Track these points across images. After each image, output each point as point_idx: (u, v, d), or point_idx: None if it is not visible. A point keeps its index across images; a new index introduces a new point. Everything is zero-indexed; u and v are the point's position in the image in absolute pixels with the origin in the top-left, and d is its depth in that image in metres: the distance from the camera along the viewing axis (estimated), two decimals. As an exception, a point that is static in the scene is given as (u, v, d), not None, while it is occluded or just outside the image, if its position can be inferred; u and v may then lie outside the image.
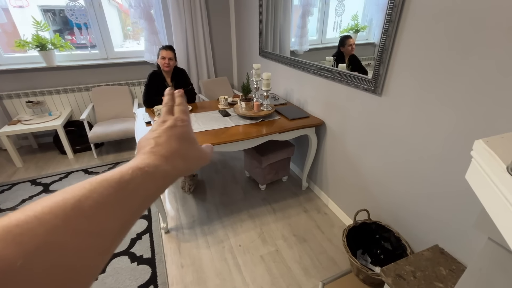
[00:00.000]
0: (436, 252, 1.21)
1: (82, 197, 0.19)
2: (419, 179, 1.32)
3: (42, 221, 0.17)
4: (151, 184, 0.24)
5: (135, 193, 0.22)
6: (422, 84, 1.21)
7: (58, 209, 0.18)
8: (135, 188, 0.22)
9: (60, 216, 0.18)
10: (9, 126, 2.57)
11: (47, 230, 0.17)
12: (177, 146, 0.28)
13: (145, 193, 0.23)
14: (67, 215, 0.18)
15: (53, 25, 3.20)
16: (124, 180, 0.22)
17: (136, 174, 0.23)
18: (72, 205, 0.18)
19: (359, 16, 1.72)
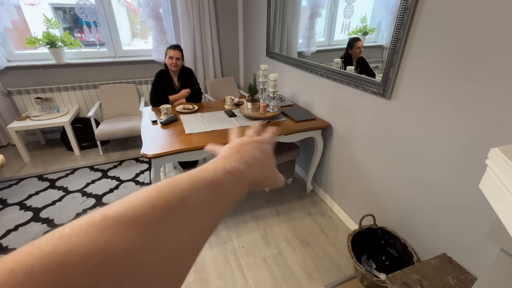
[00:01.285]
0: (444, 261, 1.18)
1: (185, 193, 0.20)
2: (428, 186, 1.30)
3: (158, 214, 0.18)
4: (236, 190, 0.25)
5: (224, 197, 0.23)
6: (433, 89, 1.19)
7: (167, 204, 0.19)
8: (225, 192, 0.23)
9: (170, 210, 0.19)
10: (18, 122, 2.61)
11: (162, 223, 0.18)
12: (260, 156, 0.30)
13: (230, 198, 0.24)
14: (175, 210, 0.19)
15: (63, 23, 3.24)
16: (217, 182, 0.23)
17: (227, 179, 0.24)
18: (178, 201, 0.19)
19: (367, 18, 1.70)
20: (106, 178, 2.46)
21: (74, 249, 0.14)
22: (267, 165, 0.30)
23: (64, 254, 0.14)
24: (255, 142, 0.31)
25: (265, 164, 0.30)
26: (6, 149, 2.94)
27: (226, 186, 0.24)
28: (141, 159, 2.79)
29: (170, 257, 0.18)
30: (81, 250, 0.14)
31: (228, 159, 0.27)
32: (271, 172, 0.31)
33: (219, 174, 0.24)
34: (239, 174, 0.25)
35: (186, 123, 1.86)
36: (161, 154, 1.47)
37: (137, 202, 0.18)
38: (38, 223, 1.93)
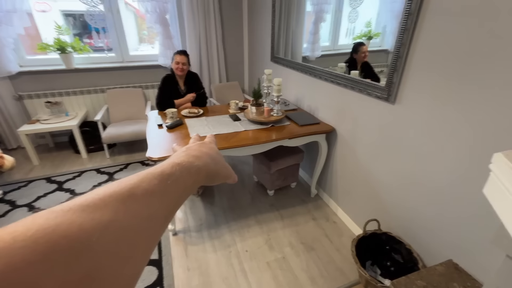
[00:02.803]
0: (450, 267, 1.16)
1: (133, 186, 0.23)
2: (433, 191, 1.28)
3: (107, 204, 0.20)
4: (188, 177, 0.28)
5: (175, 184, 0.26)
6: (438, 93, 1.18)
7: (117, 195, 0.21)
8: (175, 180, 0.26)
9: (119, 200, 0.21)
10: (28, 125, 2.67)
11: (112, 211, 0.20)
12: (207, 151, 0.34)
13: (184, 185, 0.27)
14: (125, 200, 0.21)
15: (73, 29, 3.33)
16: (166, 173, 0.26)
17: (175, 169, 0.27)
18: (127, 192, 0.22)
19: (372, 23, 1.71)
20: (112, 181, 2.48)
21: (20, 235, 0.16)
22: (215, 157, 0.35)
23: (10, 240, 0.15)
24: (199, 143, 0.36)
25: (213, 156, 0.34)
26: (16, 152, 3.01)
27: (175, 175, 0.26)
28: (146, 162, 2.82)
29: (122, 238, 0.20)
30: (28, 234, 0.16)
31: (176, 155, 0.31)
32: (221, 164, 0.36)
33: (166, 166, 0.27)
34: (188, 164, 0.29)
35: (191, 127, 1.89)
36: (166, 157, 1.48)
37: (85, 196, 0.21)
38: (46, 224, 1.96)
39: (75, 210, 0.18)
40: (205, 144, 0.36)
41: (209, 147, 0.36)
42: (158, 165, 0.27)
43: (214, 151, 0.36)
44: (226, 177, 0.37)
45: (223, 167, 0.36)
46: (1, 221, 1.99)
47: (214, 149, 0.37)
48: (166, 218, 0.25)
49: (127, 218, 0.21)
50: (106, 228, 0.19)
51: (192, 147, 0.34)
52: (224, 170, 0.36)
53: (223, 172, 0.36)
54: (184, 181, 0.27)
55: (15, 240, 0.15)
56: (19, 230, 0.16)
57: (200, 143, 0.36)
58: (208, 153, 0.34)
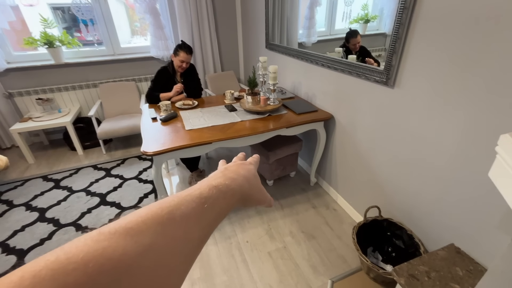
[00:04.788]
0: (451, 252, 1.16)
1: (173, 209, 0.23)
2: (434, 175, 1.26)
3: (149, 227, 0.21)
4: (223, 200, 0.28)
5: (212, 207, 0.27)
6: (439, 75, 1.14)
7: (158, 217, 0.22)
8: (212, 203, 0.27)
9: (160, 223, 0.22)
10: (21, 123, 2.62)
11: (152, 234, 0.21)
12: (244, 173, 0.34)
13: (219, 208, 0.28)
14: (164, 223, 0.22)
15: (62, 23, 3.22)
16: (203, 196, 0.27)
17: (212, 192, 0.28)
18: (167, 215, 0.23)
19: (369, 5, 1.65)
20: (109, 177, 2.47)
21: (73, 256, 0.17)
22: (252, 180, 0.35)
23: (64, 261, 0.16)
24: (239, 164, 0.37)
25: (250, 179, 0.34)
26: (11, 151, 2.96)
27: (212, 198, 0.27)
28: (143, 157, 2.79)
29: (161, 261, 0.20)
30: (80, 256, 0.17)
31: (213, 177, 0.31)
32: (257, 187, 0.36)
33: (204, 189, 0.27)
34: (224, 187, 0.29)
35: (186, 119, 1.84)
36: (161, 151, 1.45)
37: (129, 218, 0.21)
38: (44, 223, 1.95)
39: (120, 233, 0.19)
40: (243, 166, 0.36)
41: (247, 169, 0.36)
42: (197, 186, 0.28)
43: (251, 173, 0.36)
44: (260, 202, 0.37)
45: (257, 191, 0.36)
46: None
47: (251, 171, 0.36)
48: (202, 241, 0.25)
49: (165, 241, 0.21)
50: (147, 251, 0.20)
51: (230, 167, 0.35)
52: (258, 194, 0.36)
53: (257, 197, 0.36)
54: (220, 204, 0.28)
55: (69, 261, 0.16)
56: (72, 251, 0.17)
57: (239, 164, 0.36)
58: (245, 176, 0.34)
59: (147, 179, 2.43)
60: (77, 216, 2.00)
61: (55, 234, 1.84)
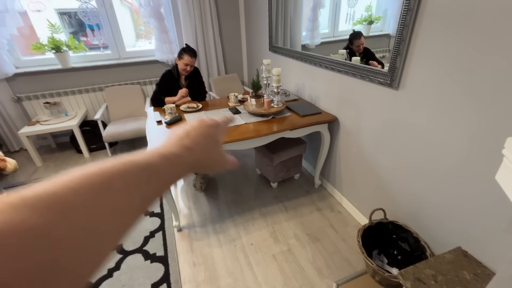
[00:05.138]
0: (459, 255, 1.14)
1: (114, 176, 0.21)
2: (440, 178, 1.25)
3: (78, 193, 0.19)
4: (172, 172, 0.27)
5: (157, 177, 0.25)
6: (444, 77, 1.13)
7: (93, 184, 0.20)
8: (158, 174, 0.25)
9: (94, 191, 0.20)
10: (29, 127, 2.67)
11: (82, 202, 0.19)
12: (204, 142, 0.31)
13: (166, 178, 0.26)
14: (100, 191, 0.20)
15: (69, 28, 3.28)
16: (151, 166, 0.25)
17: (161, 162, 0.26)
18: (107, 183, 0.21)
19: (373, 6, 1.64)
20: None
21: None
22: (210, 149, 0.32)
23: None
24: (202, 127, 0.33)
25: (208, 148, 0.32)
26: (19, 154, 3.02)
27: (160, 169, 0.25)
28: (148, 159, 2.81)
29: (89, 232, 0.19)
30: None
31: (167, 145, 0.29)
32: (215, 156, 0.33)
33: (152, 158, 0.25)
34: (176, 159, 0.27)
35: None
36: (166, 154, 1.46)
37: (60, 182, 0.19)
38: (52, 225, 1.97)
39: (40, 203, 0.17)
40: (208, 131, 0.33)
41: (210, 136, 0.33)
42: (147, 153, 0.25)
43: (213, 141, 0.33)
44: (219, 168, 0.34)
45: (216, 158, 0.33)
46: (8, 223, 2.00)
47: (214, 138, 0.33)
48: (141, 210, 0.24)
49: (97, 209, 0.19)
50: (71, 219, 0.18)
51: (191, 133, 0.31)
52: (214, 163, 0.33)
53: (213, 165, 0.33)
54: (168, 175, 0.26)
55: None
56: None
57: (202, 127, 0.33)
58: (204, 146, 0.31)
59: (152, 181, 2.45)
60: (84, 218, 2.03)
61: (62, 236, 1.86)
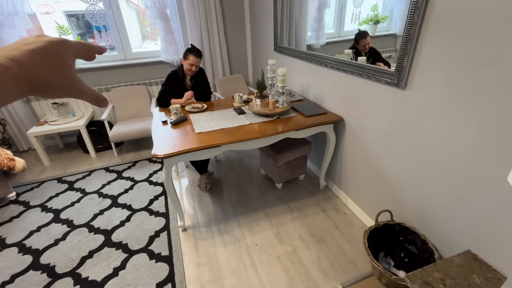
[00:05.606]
0: (468, 258, 1.12)
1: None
2: (449, 179, 1.22)
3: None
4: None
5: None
6: (453, 76, 1.11)
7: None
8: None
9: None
10: (37, 127, 2.71)
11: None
12: (43, 58, 0.26)
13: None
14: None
15: (77, 29, 3.33)
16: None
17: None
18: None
19: (379, 6, 1.62)
20: (121, 179, 2.52)
21: None
22: (53, 68, 0.27)
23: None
24: (42, 41, 0.27)
25: (49, 66, 0.27)
26: (28, 154, 3.07)
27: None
28: (154, 160, 2.83)
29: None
30: None
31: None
32: (61, 77, 0.28)
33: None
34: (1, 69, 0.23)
35: (195, 122, 1.86)
36: (171, 154, 1.47)
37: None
38: (59, 224, 2.00)
39: None
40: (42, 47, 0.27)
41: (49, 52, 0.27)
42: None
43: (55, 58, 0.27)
44: (67, 94, 0.29)
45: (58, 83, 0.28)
46: (16, 221, 2.04)
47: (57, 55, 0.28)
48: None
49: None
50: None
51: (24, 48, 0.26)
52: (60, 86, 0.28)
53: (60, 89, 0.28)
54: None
55: None
56: None
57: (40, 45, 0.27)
58: (41, 61, 0.26)
59: (157, 181, 2.47)
60: (90, 217, 2.05)
61: (69, 235, 1.89)
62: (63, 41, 0.29)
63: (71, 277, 1.58)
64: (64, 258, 1.71)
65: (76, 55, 0.31)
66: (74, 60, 0.31)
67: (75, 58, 0.31)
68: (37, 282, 1.56)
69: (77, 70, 2.94)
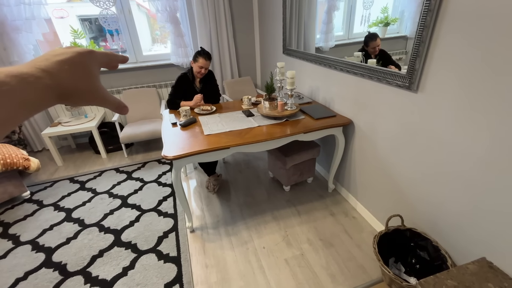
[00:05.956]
0: (483, 266, 1.08)
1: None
2: (463, 184, 1.19)
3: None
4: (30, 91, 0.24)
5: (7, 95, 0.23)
6: (467, 79, 1.09)
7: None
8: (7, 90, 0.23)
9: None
10: (51, 128, 2.79)
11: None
12: (70, 68, 0.28)
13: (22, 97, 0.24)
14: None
15: (89, 33, 3.43)
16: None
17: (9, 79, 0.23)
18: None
19: (389, 8, 1.61)
20: (130, 180, 2.56)
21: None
22: (79, 78, 0.29)
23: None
24: (70, 53, 0.29)
25: (76, 76, 0.28)
26: (42, 154, 3.15)
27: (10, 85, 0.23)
28: (163, 161, 2.87)
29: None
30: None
31: (28, 64, 0.26)
32: (86, 86, 0.30)
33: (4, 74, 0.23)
34: (29, 77, 0.25)
35: (204, 124, 1.88)
36: (181, 155, 1.49)
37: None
38: (70, 223, 2.04)
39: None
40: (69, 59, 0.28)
41: (76, 63, 0.29)
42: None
43: (81, 68, 0.29)
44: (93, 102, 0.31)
45: (84, 92, 0.30)
46: (30, 220, 2.09)
47: (83, 66, 0.29)
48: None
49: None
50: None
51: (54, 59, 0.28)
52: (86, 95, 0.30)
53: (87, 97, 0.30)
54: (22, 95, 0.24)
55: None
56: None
57: (69, 56, 0.29)
58: (68, 71, 0.28)
59: (166, 182, 2.49)
60: (100, 217, 2.09)
61: (80, 234, 1.93)
62: (89, 52, 0.31)
63: (82, 276, 1.61)
64: (76, 256, 1.74)
65: (101, 64, 0.33)
66: (99, 69, 0.33)
67: (100, 68, 0.33)
68: (49, 279, 1.59)
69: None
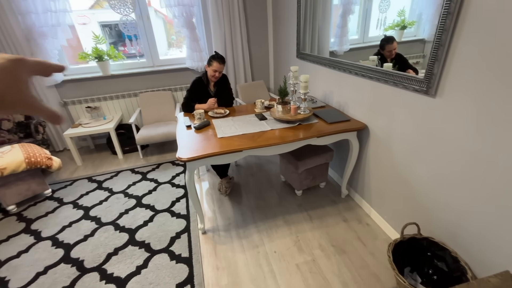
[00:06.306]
0: (507, 280, 1.03)
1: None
2: (486, 193, 1.14)
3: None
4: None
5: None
6: (489, 84, 1.05)
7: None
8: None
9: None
10: (72, 129, 2.91)
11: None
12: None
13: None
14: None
15: (109, 38, 3.58)
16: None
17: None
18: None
19: (406, 11, 1.58)
20: (145, 180, 2.62)
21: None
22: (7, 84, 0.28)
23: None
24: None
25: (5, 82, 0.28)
26: (63, 154, 3.30)
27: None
28: (177, 162, 2.92)
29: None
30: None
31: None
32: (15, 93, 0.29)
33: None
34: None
35: (218, 127, 1.90)
36: (194, 157, 1.51)
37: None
38: (88, 220, 2.12)
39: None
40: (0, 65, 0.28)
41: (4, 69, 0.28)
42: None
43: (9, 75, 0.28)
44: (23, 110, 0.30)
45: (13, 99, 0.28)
46: (51, 216, 2.19)
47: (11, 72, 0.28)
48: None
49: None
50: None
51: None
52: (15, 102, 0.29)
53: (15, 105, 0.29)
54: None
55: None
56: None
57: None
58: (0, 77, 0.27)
59: (179, 183, 2.54)
60: (116, 216, 2.15)
61: (97, 232, 1.99)
62: (20, 59, 0.30)
63: (98, 272, 1.66)
64: (92, 253, 1.80)
65: (32, 72, 0.32)
66: (30, 77, 0.32)
67: (31, 75, 0.32)
68: (67, 274, 1.66)
69: (109, 76, 3.13)
